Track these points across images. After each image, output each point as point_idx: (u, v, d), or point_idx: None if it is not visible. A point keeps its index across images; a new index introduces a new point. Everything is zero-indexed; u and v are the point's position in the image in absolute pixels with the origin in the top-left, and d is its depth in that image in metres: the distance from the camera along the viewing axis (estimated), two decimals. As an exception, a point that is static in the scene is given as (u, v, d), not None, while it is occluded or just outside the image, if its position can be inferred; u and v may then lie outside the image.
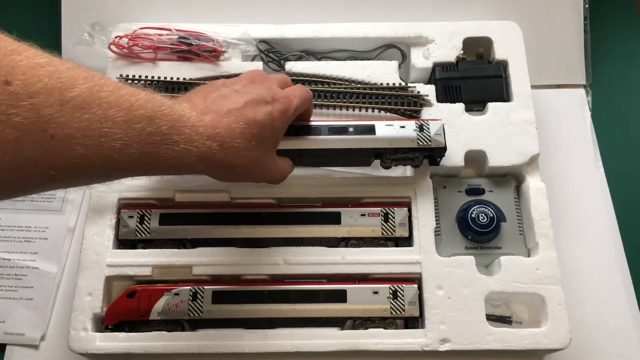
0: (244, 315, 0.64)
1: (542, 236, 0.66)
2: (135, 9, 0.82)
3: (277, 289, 0.64)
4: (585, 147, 0.80)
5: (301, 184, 0.69)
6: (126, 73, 0.75)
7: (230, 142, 0.51)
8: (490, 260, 0.68)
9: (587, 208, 0.76)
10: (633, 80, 0.87)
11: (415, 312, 0.64)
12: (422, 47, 0.77)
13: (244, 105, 0.53)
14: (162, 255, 0.66)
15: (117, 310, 0.64)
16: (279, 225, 0.67)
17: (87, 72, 0.42)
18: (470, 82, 0.75)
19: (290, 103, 0.56)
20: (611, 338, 0.69)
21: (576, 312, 0.67)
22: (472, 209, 0.68)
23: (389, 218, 0.67)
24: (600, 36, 0.87)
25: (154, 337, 0.62)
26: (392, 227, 0.67)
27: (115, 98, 0.42)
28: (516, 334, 0.63)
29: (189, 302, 0.63)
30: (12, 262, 0.72)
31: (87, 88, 0.40)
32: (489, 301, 0.65)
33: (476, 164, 0.72)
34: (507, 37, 0.77)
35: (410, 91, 0.73)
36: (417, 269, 0.65)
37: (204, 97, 0.53)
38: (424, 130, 0.66)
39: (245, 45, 0.77)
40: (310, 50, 0.79)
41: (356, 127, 0.65)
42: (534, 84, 0.75)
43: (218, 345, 0.62)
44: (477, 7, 0.83)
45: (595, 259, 0.73)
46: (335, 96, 0.73)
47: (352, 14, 0.83)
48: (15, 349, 0.69)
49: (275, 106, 0.55)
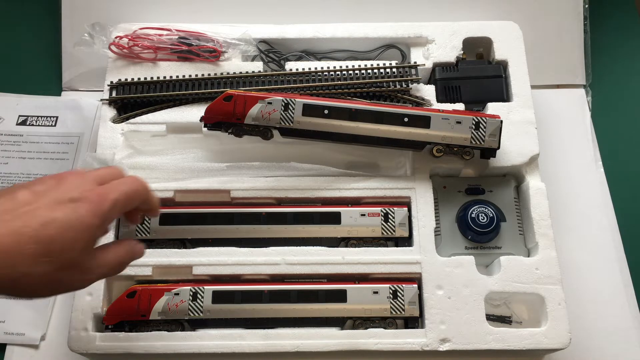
0: (244, 315, 0.64)
1: (541, 236, 0.66)
2: (135, 9, 0.82)
3: (277, 288, 0.64)
4: (585, 147, 0.81)
5: (301, 184, 0.69)
6: (126, 73, 0.75)
7: (20, 253, 0.43)
8: (490, 260, 0.68)
9: (586, 208, 0.76)
10: (633, 80, 0.87)
11: (415, 312, 0.64)
12: (422, 47, 0.78)
13: (39, 207, 0.46)
14: (162, 255, 0.66)
15: (117, 310, 0.64)
16: (279, 225, 0.67)
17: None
18: (470, 82, 0.75)
19: (103, 199, 0.49)
20: (611, 338, 0.69)
21: (576, 312, 0.67)
22: (472, 209, 0.68)
23: (389, 218, 0.67)
24: (600, 36, 0.87)
25: (154, 337, 0.62)
26: (392, 227, 0.67)
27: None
28: (516, 334, 0.63)
29: (189, 302, 0.63)
30: (12, 262, 0.72)
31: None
32: (489, 301, 0.65)
33: (476, 163, 0.72)
34: (507, 37, 0.77)
35: (399, 72, 0.74)
36: (417, 269, 0.65)
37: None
38: (480, 129, 0.66)
39: (246, 46, 0.77)
40: (311, 51, 0.79)
41: (411, 116, 0.67)
42: (534, 84, 0.75)
43: (218, 345, 0.62)
44: (477, 7, 0.83)
45: (595, 259, 0.73)
46: (330, 88, 0.73)
47: (352, 14, 0.83)
48: (16, 349, 0.69)
49: (81, 203, 0.47)
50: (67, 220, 0.46)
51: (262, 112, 0.66)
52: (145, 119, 0.73)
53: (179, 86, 0.74)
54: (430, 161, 0.70)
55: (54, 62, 0.84)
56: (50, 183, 0.49)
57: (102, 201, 0.49)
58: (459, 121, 0.67)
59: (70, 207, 0.47)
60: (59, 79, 0.84)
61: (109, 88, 0.74)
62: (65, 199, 0.47)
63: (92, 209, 0.48)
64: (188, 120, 0.72)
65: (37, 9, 0.89)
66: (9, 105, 0.82)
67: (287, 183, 0.69)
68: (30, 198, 0.46)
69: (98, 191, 0.49)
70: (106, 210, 0.49)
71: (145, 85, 0.74)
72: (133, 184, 0.53)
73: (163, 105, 0.73)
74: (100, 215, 0.49)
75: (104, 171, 0.53)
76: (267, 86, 0.73)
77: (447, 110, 0.69)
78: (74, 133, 0.81)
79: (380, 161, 0.73)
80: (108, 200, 0.49)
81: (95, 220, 0.48)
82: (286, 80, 0.74)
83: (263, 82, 0.74)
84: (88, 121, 0.81)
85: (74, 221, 0.46)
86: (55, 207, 0.46)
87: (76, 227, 0.46)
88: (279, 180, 0.70)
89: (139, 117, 0.73)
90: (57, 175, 0.51)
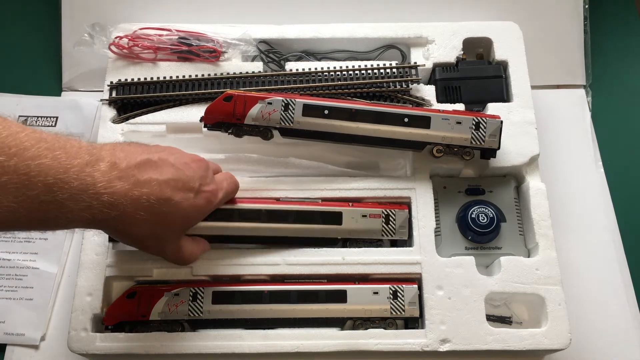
0: (244, 316, 0.64)
1: (542, 236, 0.66)
2: (135, 9, 0.82)
3: (277, 289, 0.64)
4: (585, 147, 0.81)
5: (301, 184, 0.69)
6: (126, 73, 0.75)
7: (132, 213, 0.50)
8: (490, 261, 0.68)
9: (587, 208, 0.76)
10: (633, 80, 0.87)
11: (415, 313, 0.64)
12: (422, 48, 0.78)
13: (166, 181, 0.52)
14: (162, 255, 0.66)
15: (117, 310, 0.63)
16: (279, 223, 0.66)
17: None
18: (470, 82, 0.75)
19: (214, 197, 0.57)
20: (611, 338, 0.69)
21: (576, 312, 0.67)
22: (472, 209, 0.68)
23: (389, 220, 0.67)
24: (600, 36, 0.87)
25: (154, 338, 0.62)
26: (392, 228, 0.67)
27: (14, 163, 0.42)
28: (516, 334, 0.63)
29: (189, 303, 0.63)
30: (12, 262, 0.73)
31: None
32: (489, 301, 0.65)
33: (476, 164, 0.72)
34: (507, 38, 0.77)
35: (399, 73, 0.74)
36: (417, 269, 0.65)
37: (131, 157, 0.51)
38: (480, 129, 0.66)
39: (246, 46, 0.77)
40: (311, 51, 0.79)
41: (411, 116, 0.67)
42: (534, 84, 0.75)
43: (218, 345, 0.62)
44: (477, 7, 0.83)
45: (595, 259, 0.73)
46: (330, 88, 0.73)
47: (352, 15, 0.83)
48: (15, 349, 0.69)
49: (198, 198, 0.55)
50: (180, 204, 0.53)
51: (262, 112, 0.66)
52: (145, 119, 0.73)
53: (179, 86, 0.74)
54: (430, 161, 0.70)
55: (54, 62, 0.84)
56: (185, 160, 0.56)
57: (212, 200, 0.57)
58: (459, 121, 0.67)
59: (188, 195, 0.54)
60: (59, 79, 0.84)
61: (109, 88, 0.74)
62: (188, 186, 0.54)
63: (202, 205, 0.56)
64: (188, 121, 0.72)
65: (37, 9, 0.89)
66: (9, 106, 0.82)
67: (286, 181, 0.69)
68: (164, 170, 0.53)
69: (212, 188, 0.57)
70: (211, 208, 0.58)
71: (145, 85, 0.74)
72: (234, 183, 0.62)
73: (163, 106, 0.73)
74: (206, 211, 0.57)
75: (215, 165, 0.62)
76: (267, 86, 0.73)
77: (447, 110, 0.69)
78: (74, 133, 0.80)
79: (380, 161, 0.73)
80: (216, 199, 0.58)
81: (202, 213, 0.57)
82: (286, 80, 0.74)
83: (263, 82, 0.74)
84: (88, 121, 0.81)
85: (184, 208, 0.53)
86: (177, 188, 0.53)
87: (182, 213, 0.54)
88: (279, 181, 0.70)
89: (139, 118, 0.73)
90: (191, 155, 0.58)
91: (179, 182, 0.53)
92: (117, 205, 0.48)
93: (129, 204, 0.49)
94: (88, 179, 0.47)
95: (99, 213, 0.47)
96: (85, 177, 0.46)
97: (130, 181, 0.49)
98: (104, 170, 0.48)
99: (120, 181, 0.49)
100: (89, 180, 0.47)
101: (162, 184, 0.51)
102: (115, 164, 0.49)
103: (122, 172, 0.49)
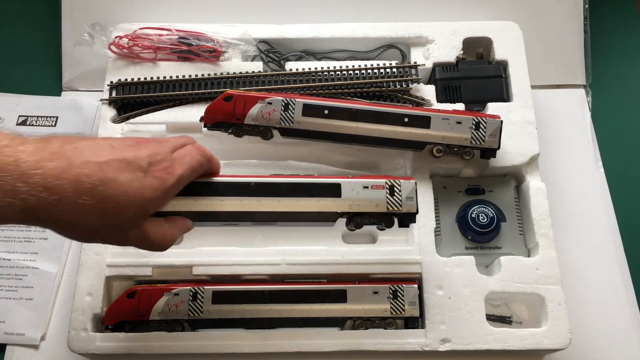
0: (244, 316, 0.64)
1: (542, 236, 0.66)
2: (135, 9, 0.82)
3: (277, 289, 0.64)
4: (585, 147, 0.81)
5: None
6: (126, 73, 0.75)
7: (72, 198, 0.44)
8: (490, 260, 0.68)
9: (587, 208, 0.76)
10: (633, 80, 0.87)
11: (415, 312, 0.64)
12: (422, 47, 0.78)
13: (107, 162, 0.46)
14: (162, 255, 0.66)
15: (117, 310, 0.63)
16: (272, 198, 0.59)
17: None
18: (470, 82, 0.75)
19: (170, 175, 0.51)
20: (611, 338, 0.69)
21: (576, 312, 0.67)
22: (472, 208, 0.68)
23: (394, 191, 0.61)
24: (600, 36, 0.87)
25: (154, 337, 0.62)
26: (398, 201, 0.60)
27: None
28: (516, 334, 0.63)
29: (189, 302, 0.63)
30: (12, 262, 0.72)
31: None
32: (489, 301, 0.65)
33: (476, 163, 0.72)
34: (507, 37, 0.77)
35: (399, 72, 0.74)
36: (417, 269, 0.65)
37: (68, 140, 0.46)
38: (480, 129, 0.66)
39: (246, 46, 0.77)
40: (311, 51, 0.79)
41: (411, 116, 0.66)
42: (534, 84, 0.75)
43: (218, 345, 0.62)
44: (477, 7, 0.83)
45: (595, 259, 0.73)
46: (330, 88, 0.73)
47: (352, 14, 0.83)
48: (15, 349, 0.69)
49: (149, 176, 0.49)
50: (127, 186, 0.47)
51: (262, 112, 0.66)
52: (145, 119, 0.73)
53: (179, 86, 0.74)
54: (430, 161, 0.70)
55: (54, 62, 0.84)
56: (129, 143, 0.50)
57: (168, 177, 0.50)
58: (459, 121, 0.67)
59: (136, 175, 0.48)
60: (59, 79, 0.84)
61: (109, 88, 0.74)
62: (134, 165, 0.48)
63: (156, 184, 0.49)
64: (188, 120, 0.72)
65: (37, 9, 0.89)
66: (9, 106, 0.82)
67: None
68: (104, 152, 0.47)
69: (165, 165, 0.50)
70: (168, 186, 0.50)
71: (145, 85, 0.74)
72: (197, 156, 0.54)
73: (163, 105, 0.73)
74: (162, 190, 0.50)
75: (179, 140, 0.55)
76: (267, 86, 0.73)
77: (447, 110, 0.69)
78: (74, 133, 0.80)
79: (380, 161, 0.73)
80: (173, 176, 0.51)
81: (156, 194, 0.49)
82: (286, 80, 0.74)
83: (263, 82, 0.74)
84: (88, 121, 0.81)
85: (134, 189, 0.47)
86: (120, 169, 0.47)
87: (132, 195, 0.47)
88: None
89: (139, 117, 0.73)
90: (137, 138, 0.52)
91: (122, 162, 0.47)
92: (54, 187, 0.43)
93: (68, 186, 0.43)
94: (8, 159, 0.42)
95: (31, 198, 0.42)
96: (3, 158, 0.42)
97: (65, 162, 0.44)
98: (30, 151, 0.43)
99: (53, 162, 0.43)
100: (10, 159, 0.42)
101: (102, 165, 0.46)
102: (45, 147, 0.44)
103: (54, 154, 0.44)
